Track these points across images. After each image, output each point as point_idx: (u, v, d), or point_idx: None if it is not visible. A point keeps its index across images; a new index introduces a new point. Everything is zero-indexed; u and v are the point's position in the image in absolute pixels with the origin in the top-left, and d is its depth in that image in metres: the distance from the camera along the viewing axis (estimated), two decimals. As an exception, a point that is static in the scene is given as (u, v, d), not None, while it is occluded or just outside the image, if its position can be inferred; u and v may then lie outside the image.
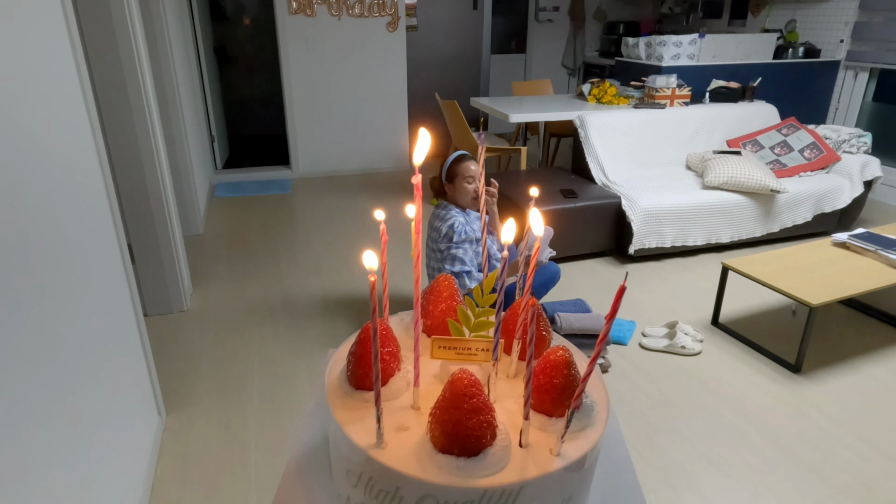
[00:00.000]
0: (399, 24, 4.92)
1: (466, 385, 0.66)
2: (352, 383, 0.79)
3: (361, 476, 0.71)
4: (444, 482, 0.65)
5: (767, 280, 2.44)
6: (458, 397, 0.66)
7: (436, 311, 0.89)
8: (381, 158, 5.33)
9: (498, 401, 0.80)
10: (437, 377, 0.83)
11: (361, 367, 0.77)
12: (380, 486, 0.69)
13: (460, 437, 0.66)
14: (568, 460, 0.69)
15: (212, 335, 2.64)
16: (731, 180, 3.39)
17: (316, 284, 3.12)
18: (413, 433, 0.73)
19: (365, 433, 0.72)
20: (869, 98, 4.53)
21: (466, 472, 0.66)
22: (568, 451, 0.70)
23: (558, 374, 0.73)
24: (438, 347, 0.79)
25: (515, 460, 0.69)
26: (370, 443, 0.70)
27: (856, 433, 2.04)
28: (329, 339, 2.60)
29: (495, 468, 0.67)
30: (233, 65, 6.34)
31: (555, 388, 0.73)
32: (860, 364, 2.44)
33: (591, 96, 4.22)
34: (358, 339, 0.78)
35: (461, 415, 0.66)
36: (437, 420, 0.68)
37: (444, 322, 0.88)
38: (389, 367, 0.80)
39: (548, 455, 0.70)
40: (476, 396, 0.66)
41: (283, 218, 4.14)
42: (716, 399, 2.22)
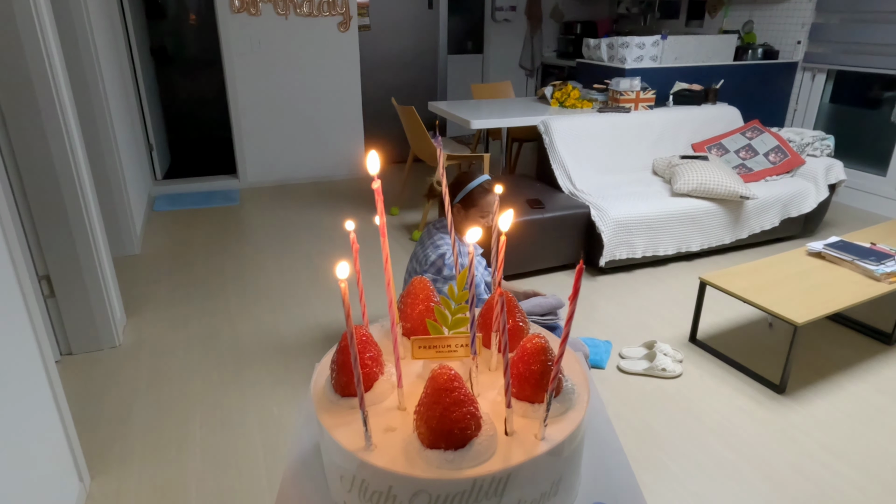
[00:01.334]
0: (351, 23, 4.66)
1: (446, 380, 0.68)
2: (337, 391, 0.81)
3: (354, 480, 0.72)
4: (434, 476, 0.66)
5: (748, 296, 2.33)
6: (440, 392, 0.67)
7: (413, 313, 0.91)
8: (334, 165, 5.06)
9: (482, 394, 0.81)
10: (420, 377, 0.85)
11: (344, 374, 0.79)
12: (373, 488, 0.70)
13: (445, 430, 0.68)
14: (552, 443, 0.71)
15: (147, 376, 2.35)
16: (701, 187, 3.29)
17: (267, 311, 2.86)
18: (400, 433, 0.74)
19: (354, 437, 0.73)
20: (826, 99, 4.54)
21: (455, 464, 0.67)
22: (552, 435, 0.72)
23: (535, 361, 0.75)
24: (419, 348, 0.82)
25: (502, 448, 0.70)
26: (359, 446, 0.71)
27: (849, 461, 1.93)
28: (283, 378, 2.35)
29: (483, 458, 0.68)
30: (173, 66, 5.94)
31: (533, 374, 0.75)
32: (843, 381, 2.35)
33: (553, 100, 4.07)
34: (339, 347, 0.79)
35: (444, 409, 0.67)
36: (421, 416, 0.70)
37: (422, 323, 0.89)
38: (372, 371, 0.81)
39: (533, 440, 0.71)
40: (457, 390, 0.68)
41: (230, 233, 3.84)
42: (702, 428, 2.08)
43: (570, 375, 0.84)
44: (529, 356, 0.76)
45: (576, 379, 0.83)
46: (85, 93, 2.99)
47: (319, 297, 2.99)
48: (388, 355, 0.89)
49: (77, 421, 2.07)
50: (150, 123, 4.57)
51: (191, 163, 5.36)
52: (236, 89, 4.53)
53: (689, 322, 2.79)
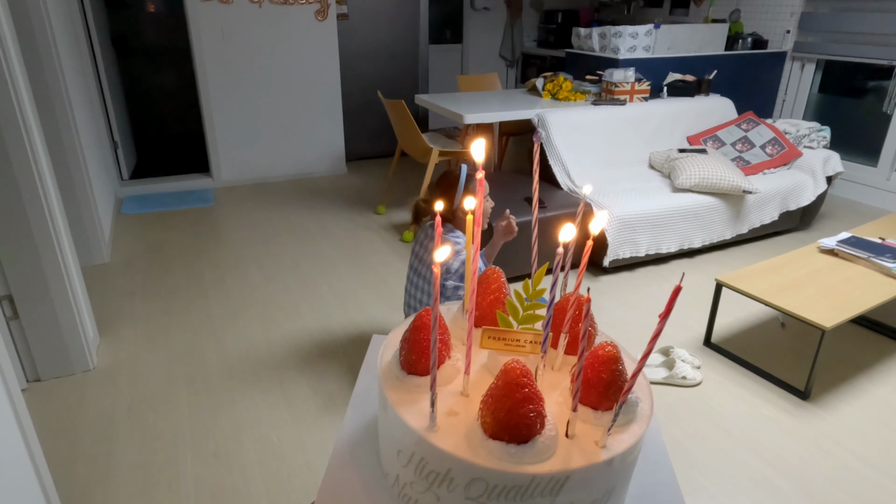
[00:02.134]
0: (329, 12, 4.42)
1: (519, 374, 0.69)
2: (404, 368, 0.81)
3: (413, 457, 0.73)
4: (494, 466, 0.67)
5: (769, 299, 2.23)
6: (511, 386, 0.68)
7: (484, 302, 0.91)
8: (314, 161, 4.82)
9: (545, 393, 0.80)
10: (486, 367, 0.85)
11: (415, 353, 0.80)
12: (431, 468, 0.71)
13: (511, 424, 0.69)
14: (613, 453, 0.71)
15: (127, 403, 2.12)
16: (703, 182, 3.19)
17: (255, 324, 2.65)
18: (463, 418, 0.75)
19: (418, 416, 0.74)
20: (815, 90, 4.50)
21: (516, 458, 0.68)
22: (613, 444, 0.72)
23: (606, 370, 0.75)
24: (488, 338, 0.82)
25: (562, 450, 0.71)
26: (423, 425, 0.72)
27: (887, 472, 1.84)
28: (279, 399, 2.15)
29: (543, 456, 0.69)
30: (136, 58, 5.59)
31: (602, 382, 0.76)
32: (865, 384, 2.28)
33: (545, 92, 3.92)
34: (412, 325, 0.80)
35: (513, 403, 0.68)
36: (489, 407, 0.71)
37: (492, 313, 0.90)
38: (441, 354, 0.82)
39: (593, 446, 0.72)
40: (528, 386, 0.69)
41: (207, 237, 3.59)
42: (732, 441, 1.98)
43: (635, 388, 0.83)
44: (600, 364, 0.76)
45: (640, 392, 0.83)
46: (44, 88, 2.71)
47: (310, 306, 2.79)
48: (454, 340, 0.89)
49: (50, 459, 1.85)
50: (113, 120, 4.26)
51: (159, 161, 5.05)
52: (207, 82, 4.25)
53: (700, 323, 2.69)
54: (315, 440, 1.95)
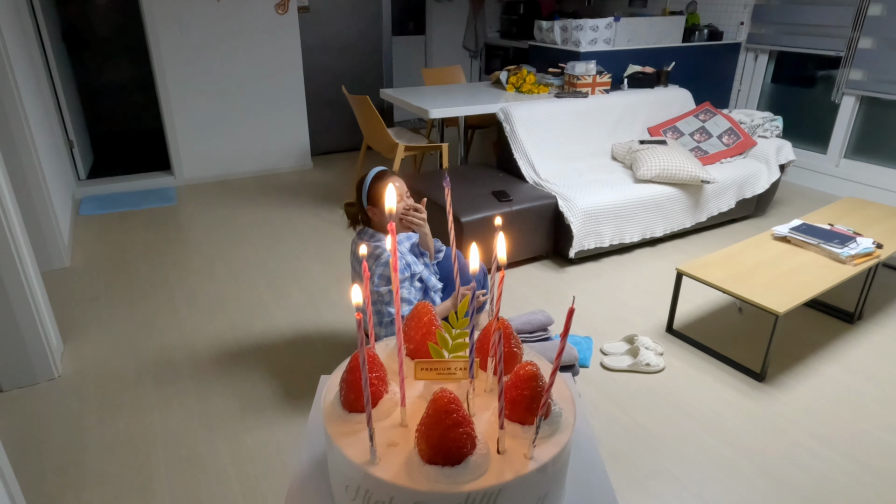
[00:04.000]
0: (289, 5, 4.35)
1: (447, 402, 0.73)
2: (345, 407, 0.86)
3: (359, 490, 0.78)
4: (432, 489, 0.73)
5: (727, 287, 2.32)
6: (440, 413, 0.73)
7: (417, 335, 0.96)
8: (279, 157, 4.77)
9: (477, 414, 0.88)
10: (422, 397, 0.91)
11: (353, 392, 0.85)
12: (376, 498, 0.76)
13: (444, 448, 0.74)
14: (540, 462, 0.77)
15: (96, 411, 2.09)
16: (664, 173, 3.28)
17: (224, 325, 2.63)
18: (402, 448, 0.80)
19: (360, 451, 0.79)
20: (769, 80, 4.65)
21: (452, 478, 0.73)
22: (540, 455, 0.78)
23: (527, 387, 0.81)
24: (421, 369, 0.87)
25: (494, 466, 0.77)
26: (365, 459, 0.77)
27: (838, 449, 1.96)
28: (252, 402, 2.15)
29: (476, 474, 0.75)
30: (89, 52, 5.41)
31: (525, 398, 0.81)
32: (817, 364, 2.40)
33: (509, 85, 3.96)
34: (348, 366, 0.85)
35: (444, 429, 0.73)
36: (422, 435, 0.76)
37: (425, 346, 0.95)
38: (378, 389, 0.87)
39: (522, 459, 0.78)
40: (456, 412, 0.74)
41: (171, 237, 3.53)
42: (693, 424, 2.07)
43: (558, 400, 0.90)
44: (522, 382, 0.82)
45: (563, 404, 0.90)
46: (-7, 88, 2.62)
47: (280, 305, 2.78)
48: (391, 374, 0.94)
49: (18, 472, 1.81)
50: (67, 117, 4.12)
51: (118, 159, 4.92)
52: (165, 77, 4.15)
53: (662, 311, 2.78)
54: (289, 441, 1.96)
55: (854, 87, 4.05)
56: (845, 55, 4.02)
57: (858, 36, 3.93)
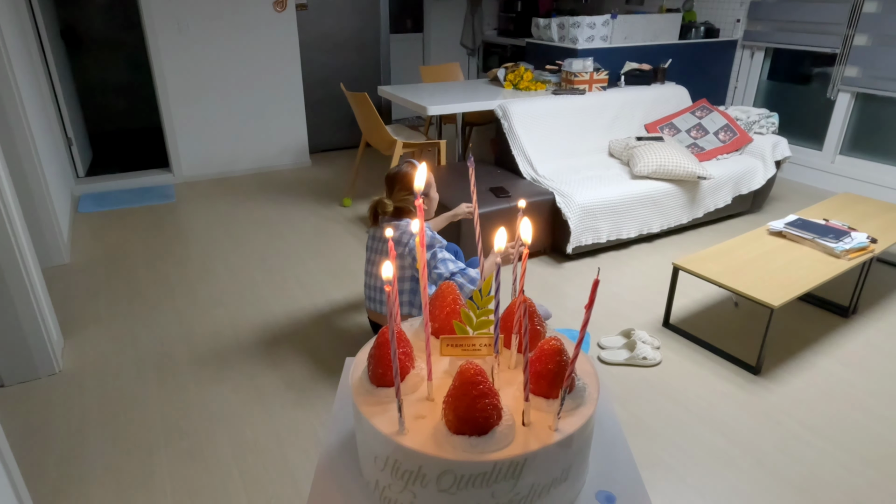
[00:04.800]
0: (287, 2, 4.36)
1: (473, 374, 0.76)
2: (373, 381, 0.89)
3: (388, 460, 0.80)
4: (459, 458, 0.75)
5: (723, 281, 2.34)
6: (467, 385, 0.76)
7: (441, 314, 0.99)
8: (277, 154, 4.78)
9: (502, 389, 0.90)
10: (447, 372, 0.94)
11: (381, 367, 0.87)
12: (404, 467, 0.79)
13: (471, 418, 0.76)
14: (564, 434, 0.79)
15: (97, 405, 2.11)
16: (660, 169, 3.30)
17: (224, 320, 2.64)
18: (429, 420, 0.82)
19: (388, 423, 0.81)
20: (765, 77, 4.68)
21: (478, 448, 0.75)
22: (564, 427, 0.80)
23: (552, 361, 0.84)
24: (447, 346, 0.89)
25: (519, 437, 0.79)
26: (394, 430, 0.80)
27: (831, 439, 1.98)
28: (253, 396, 2.17)
29: (502, 444, 0.77)
30: (87, 50, 5.41)
31: (549, 373, 0.84)
32: (811, 357, 2.43)
33: (507, 82, 3.97)
34: (376, 342, 0.88)
35: (470, 399, 0.75)
36: (449, 406, 0.78)
37: (449, 324, 0.99)
38: (405, 365, 0.90)
39: (547, 431, 0.80)
40: (482, 383, 0.76)
41: (169, 234, 3.54)
42: (690, 416, 2.09)
43: (582, 375, 0.93)
44: (546, 356, 0.84)
45: (587, 379, 0.92)
46: (-7, 85, 2.63)
47: (279, 301, 2.80)
48: (417, 352, 0.97)
49: (21, 465, 1.83)
50: (66, 115, 4.13)
51: (116, 157, 4.92)
52: (164, 74, 4.16)
53: (659, 305, 2.80)
54: (289, 434, 1.98)
55: (849, 84, 4.07)
56: (840, 52, 4.05)
57: (854, 33, 3.95)
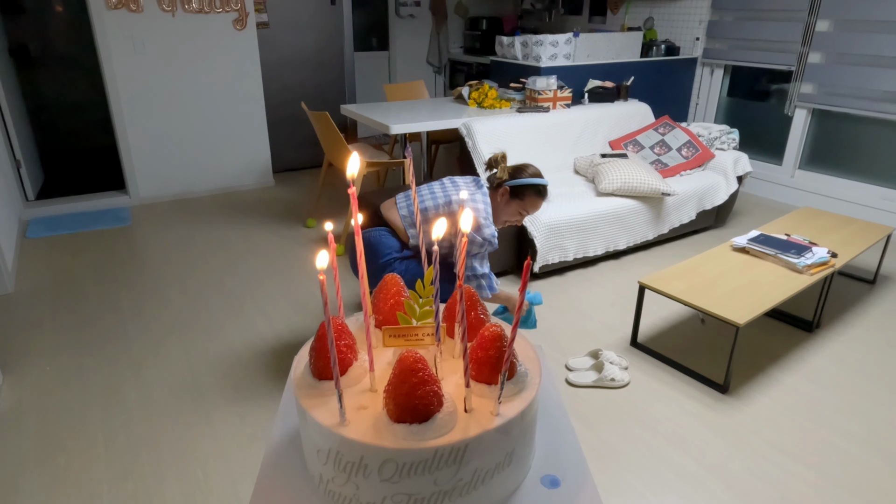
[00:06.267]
0: (248, 21, 4.29)
1: (412, 361, 0.76)
2: (314, 375, 0.88)
3: (330, 452, 0.79)
4: (400, 446, 0.74)
5: (688, 299, 2.33)
6: (407, 372, 0.75)
7: (385, 306, 0.98)
8: (239, 174, 4.66)
9: (446, 378, 0.90)
10: (391, 364, 0.92)
11: (321, 360, 0.87)
12: (347, 459, 0.78)
13: (411, 406, 0.75)
14: (505, 419, 0.79)
15: (36, 447, 1.97)
16: (625, 186, 3.30)
17: (177, 351, 2.52)
18: (371, 411, 0.82)
19: (329, 415, 0.81)
20: (724, 93, 4.76)
21: (419, 435, 0.75)
22: (505, 412, 0.80)
23: (492, 347, 0.84)
24: (389, 336, 0.89)
25: (461, 423, 0.78)
26: (335, 422, 0.79)
27: (800, 460, 1.96)
28: (204, 431, 2.06)
29: (443, 430, 0.76)
30: (39, 68, 5.23)
31: (490, 359, 0.84)
32: (777, 373, 2.42)
33: (471, 100, 3.95)
34: (317, 335, 0.87)
35: (410, 387, 0.75)
36: (389, 394, 0.77)
37: (393, 315, 0.98)
38: (347, 357, 0.89)
39: (489, 416, 0.79)
40: (422, 371, 0.75)
41: (125, 259, 3.40)
42: (658, 439, 2.05)
43: (524, 361, 0.93)
44: (487, 342, 0.84)
45: (529, 364, 0.92)
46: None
47: (237, 327, 2.69)
48: (361, 344, 0.96)
49: (-55, 518, 1.69)
50: (14, 136, 3.96)
51: (69, 179, 4.74)
52: (119, 94, 4.03)
53: (627, 324, 2.78)
54: (244, 471, 1.87)
55: (805, 101, 4.17)
56: (796, 69, 4.14)
57: (808, 51, 4.05)
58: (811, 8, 3.96)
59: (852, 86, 3.89)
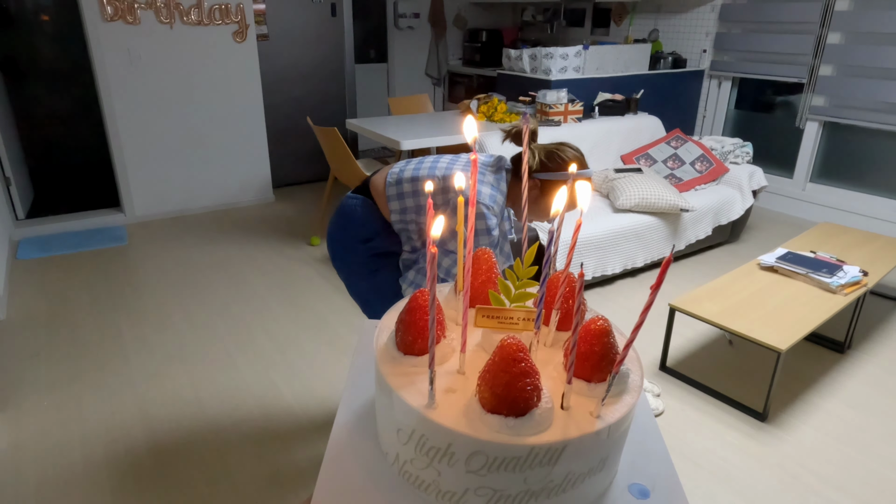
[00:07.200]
0: (248, 33, 4.17)
1: (515, 350, 0.71)
2: (401, 349, 0.83)
3: (413, 434, 0.75)
4: (493, 439, 0.70)
5: (723, 322, 2.22)
6: (508, 361, 0.71)
7: (476, 283, 0.93)
8: (238, 190, 4.52)
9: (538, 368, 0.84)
10: (480, 346, 0.88)
11: (411, 334, 0.81)
12: (431, 444, 0.73)
13: (509, 397, 0.71)
14: (607, 422, 0.74)
15: (33, 492, 1.81)
16: (643, 202, 3.21)
17: (183, 379, 2.37)
18: (461, 395, 0.77)
19: (416, 395, 0.76)
20: (732, 106, 4.71)
21: (515, 430, 0.70)
22: (606, 414, 0.75)
23: (598, 343, 0.79)
24: (482, 316, 0.84)
25: (559, 421, 0.73)
26: (423, 403, 0.74)
27: (850, 493, 1.86)
28: (220, 472, 1.91)
29: (541, 427, 0.71)
30: (29, 82, 5.07)
31: (595, 355, 0.79)
32: (815, 399, 2.32)
33: (480, 113, 3.86)
34: (407, 307, 0.81)
35: (510, 377, 0.71)
36: (486, 382, 0.73)
37: (484, 293, 0.93)
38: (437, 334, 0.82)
39: (588, 417, 0.74)
40: (524, 361, 0.71)
41: (122, 281, 3.24)
42: (701, 472, 1.94)
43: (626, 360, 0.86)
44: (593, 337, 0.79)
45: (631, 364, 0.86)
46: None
47: (246, 357, 2.55)
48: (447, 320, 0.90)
49: (-64, 580, 1.53)
50: (2, 151, 3.80)
51: (61, 196, 4.57)
52: (113, 108, 3.88)
53: (653, 346, 2.67)
54: (264, 519, 1.73)
55: (817, 113, 4.12)
56: (807, 82, 4.10)
57: (819, 63, 4.01)
58: (822, 20, 3.92)
59: (864, 98, 3.85)
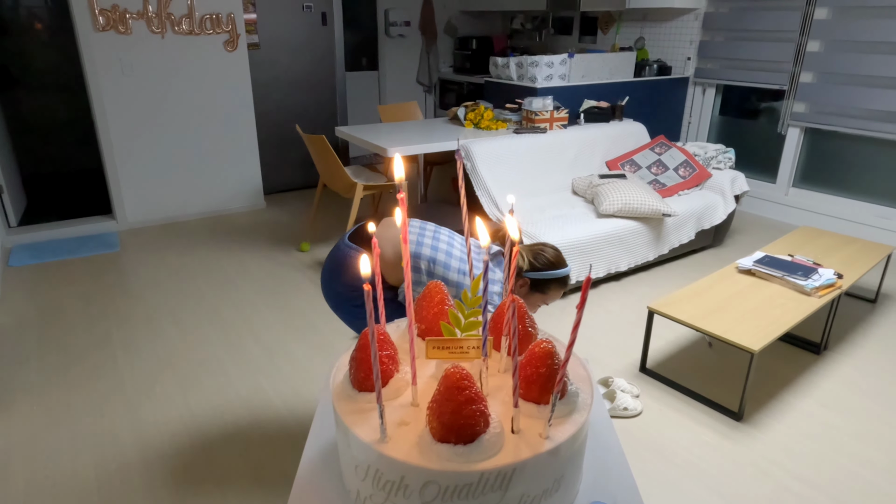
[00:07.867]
0: (238, 42, 4.23)
1: (459, 378, 0.72)
2: (354, 386, 0.84)
3: (369, 469, 0.76)
4: (443, 468, 0.70)
5: (698, 324, 2.29)
6: (452, 390, 0.71)
7: (429, 315, 0.94)
8: (230, 197, 4.57)
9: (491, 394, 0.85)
10: (433, 377, 0.88)
11: (362, 371, 0.83)
12: (386, 477, 0.74)
13: (456, 425, 0.72)
14: (556, 442, 0.74)
15: (21, 497, 1.85)
16: (626, 207, 3.28)
17: (174, 386, 2.42)
18: (414, 427, 0.78)
19: (370, 430, 0.77)
20: (717, 112, 4.79)
21: (464, 457, 0.71)
22: (556, 434, 0.76)
23: (542, 365, 0.79)
24: (433, 348, 0.85)
25: (508, 445, 0.75)
26: (375, 438, 0.75)
27: (823, 490, 1.91)
28: (212, 486, 1.95)
29: (490, 452, 0.72)
30: (21, 90, 5.11)
31: (540, 377, 0.79)
32: (790, 398, 2.38)
33: (467, 121, 3.92)
34: (357, 345, 0.84)
35: (456, 405, 0.71)
36: (434, 412, 0.74)
37: (437, 325, 0.93)
38: (388, 368, 0.85)
39: (538, 439, 0.75)
40: (468, 388, 0.72)
41: (113, 287, 3.28)
42: (676, 471, 1.99)
43: (575, 379, 0.88)
44: (537, 360, 0.80)
45: (580, 384, 0.87)
46: None
47: (235, 361, 2.59)
48: (402, 354, 0.92)
49: (-73, 580, 1.57)
50: (-3, 161, 3.84)
51: (53, 203, 4.61)
52: (105, 116, 3.93)
53: (634, 349, 2.73)
54: (249, 519, 1.78)
55: (798, 119, 4.20)
56: (788, 88, 4.18)
57: (799, 71, 4.09)
58: (802, 29, 4.00)
59: (843, 105, 3.93)
